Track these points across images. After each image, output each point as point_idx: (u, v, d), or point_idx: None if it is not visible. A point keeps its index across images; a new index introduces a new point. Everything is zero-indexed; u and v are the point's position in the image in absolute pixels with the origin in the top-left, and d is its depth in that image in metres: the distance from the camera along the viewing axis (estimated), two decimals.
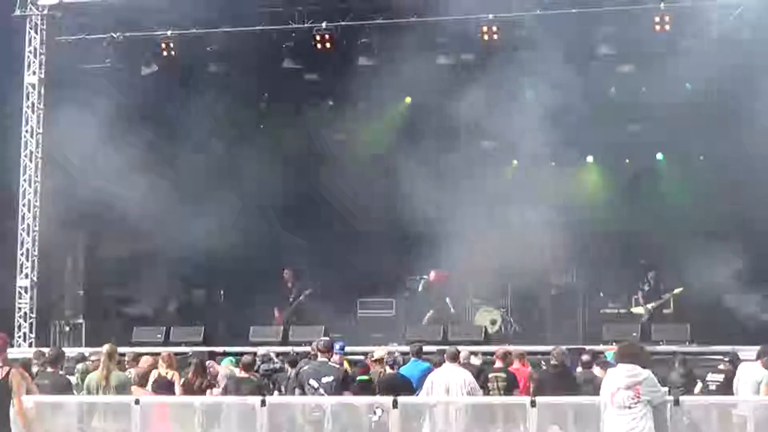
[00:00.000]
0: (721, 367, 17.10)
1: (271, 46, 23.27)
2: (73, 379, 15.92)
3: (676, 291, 23.32)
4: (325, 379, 13.98)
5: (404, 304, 25.31)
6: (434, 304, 24.35)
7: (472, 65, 23.17)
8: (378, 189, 26.20)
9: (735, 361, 16.79)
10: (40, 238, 23.10)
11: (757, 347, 16.02)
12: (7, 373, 11.47)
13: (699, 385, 16.74)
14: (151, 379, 15.65)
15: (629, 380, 10.86)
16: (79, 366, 16.97)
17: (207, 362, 17.02)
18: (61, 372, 15.22)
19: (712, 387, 16.49)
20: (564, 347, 16.98)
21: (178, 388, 15.41)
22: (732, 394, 15.21)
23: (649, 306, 23.42)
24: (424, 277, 24.90)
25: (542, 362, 18.67)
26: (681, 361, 17.31)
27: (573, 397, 14.67)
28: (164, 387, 15.26)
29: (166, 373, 15.56)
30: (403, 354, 17.28)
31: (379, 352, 17.16)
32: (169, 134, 22.81)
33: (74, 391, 14.99)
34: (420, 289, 24.78)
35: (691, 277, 23.46)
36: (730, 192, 24.15)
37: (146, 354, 17.35)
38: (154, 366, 16.17)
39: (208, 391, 16.01)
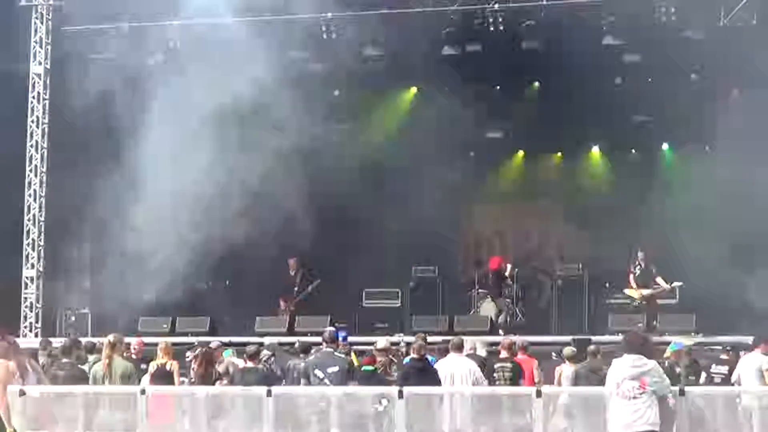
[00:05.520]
0: (724, 357, 17.07)
1: (277, 36, 23.21)
2: None
3: (675, 284, 22.63)
4: (330, 370, 13.99)
5: (410, 295, 25.25)
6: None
7: (477, 55, 23.09)
8: (384, 178, 26.16)
9: (737, 351, 16.80)
10: (46, 228, 23.11)
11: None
12: None
13: (703, 376, 16.70)
14: (151, 369, 15.60)
15: (635, 370, 10.86)
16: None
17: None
18: (84, 367, 15.18)
19: (717, 380, 16.45)
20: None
21: (176, 378, 15.35)
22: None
23: (645, 293, 22.55)
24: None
25: (553, 353, 18.67)
26: (686, 352, 17.28)
27: (579, 388, 14.72)
28: (163, 377, 15.21)
29: (164, 363, 15.48)
30: (408, 344, 17.25)
31: (381, 341, 17.12)
32: (174, 124, 22.73)
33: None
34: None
35: (696, 267, 23.38)
36: (736, 182, 24.06)
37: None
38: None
39: (218, 382, 15.96)
